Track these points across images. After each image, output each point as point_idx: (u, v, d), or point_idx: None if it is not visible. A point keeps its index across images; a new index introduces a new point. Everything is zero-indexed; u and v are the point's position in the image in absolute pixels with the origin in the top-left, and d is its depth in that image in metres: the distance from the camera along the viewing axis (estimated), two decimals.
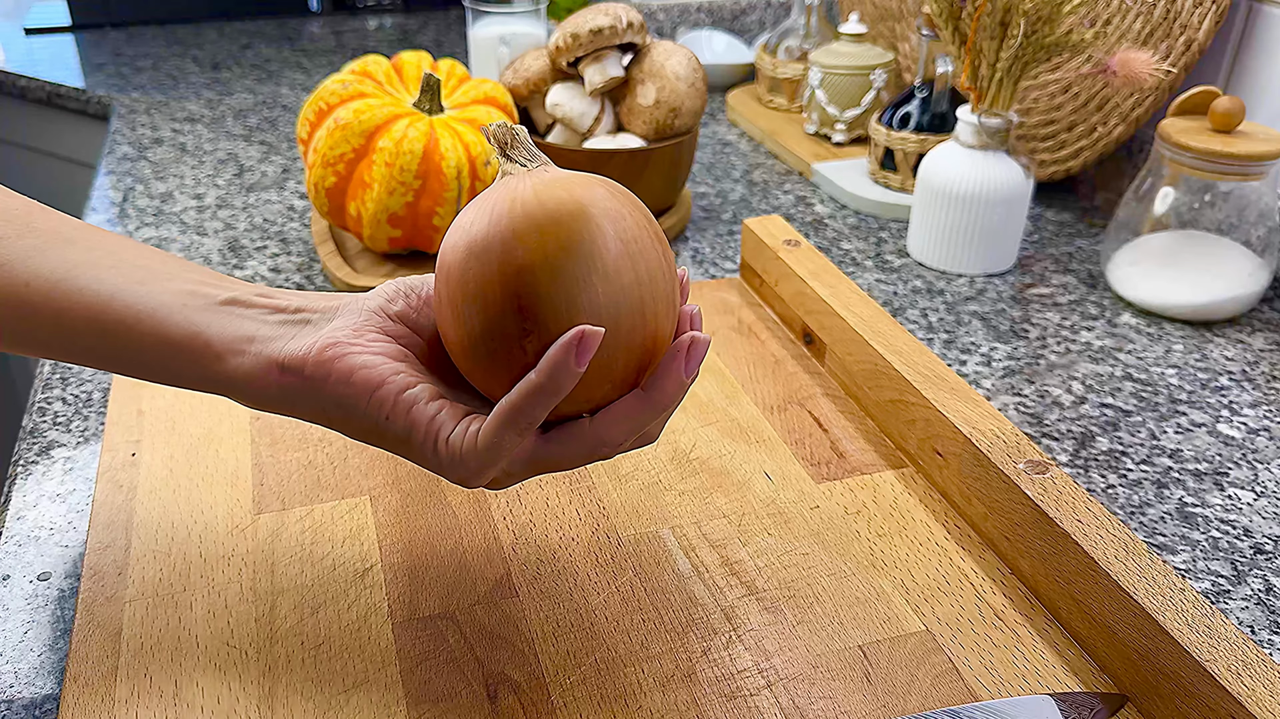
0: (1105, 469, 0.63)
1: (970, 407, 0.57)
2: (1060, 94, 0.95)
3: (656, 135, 0.87)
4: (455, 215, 0.78)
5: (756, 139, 1.17)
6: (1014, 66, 0.79)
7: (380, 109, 0.77)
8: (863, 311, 0.66)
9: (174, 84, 1.31)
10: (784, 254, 0.73)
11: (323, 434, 0.61)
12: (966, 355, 0.75)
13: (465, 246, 0.40)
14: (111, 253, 0.44)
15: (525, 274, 0.38)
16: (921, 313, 0.80)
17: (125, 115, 1.20)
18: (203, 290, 0.44)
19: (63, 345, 0.43)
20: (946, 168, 0.84)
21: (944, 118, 0.96)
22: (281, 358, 0.42)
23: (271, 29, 1.57)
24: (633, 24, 0.85)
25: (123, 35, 1.52)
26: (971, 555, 0.53)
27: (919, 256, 0.88)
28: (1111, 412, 0.68)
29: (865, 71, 1.06)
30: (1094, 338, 0.77)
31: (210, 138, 1.13)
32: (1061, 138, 0.96)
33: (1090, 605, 0.47)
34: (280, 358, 0.42)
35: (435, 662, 0.46)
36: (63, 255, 0.43)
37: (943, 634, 0.48)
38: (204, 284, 0.44)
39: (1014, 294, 0.83)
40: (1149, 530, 0.58)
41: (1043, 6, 0.75)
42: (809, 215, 0.98)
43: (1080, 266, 0.88)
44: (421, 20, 1.64)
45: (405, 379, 0.41)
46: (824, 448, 0.61)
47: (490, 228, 0.39)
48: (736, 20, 1.45)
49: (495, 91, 0.83)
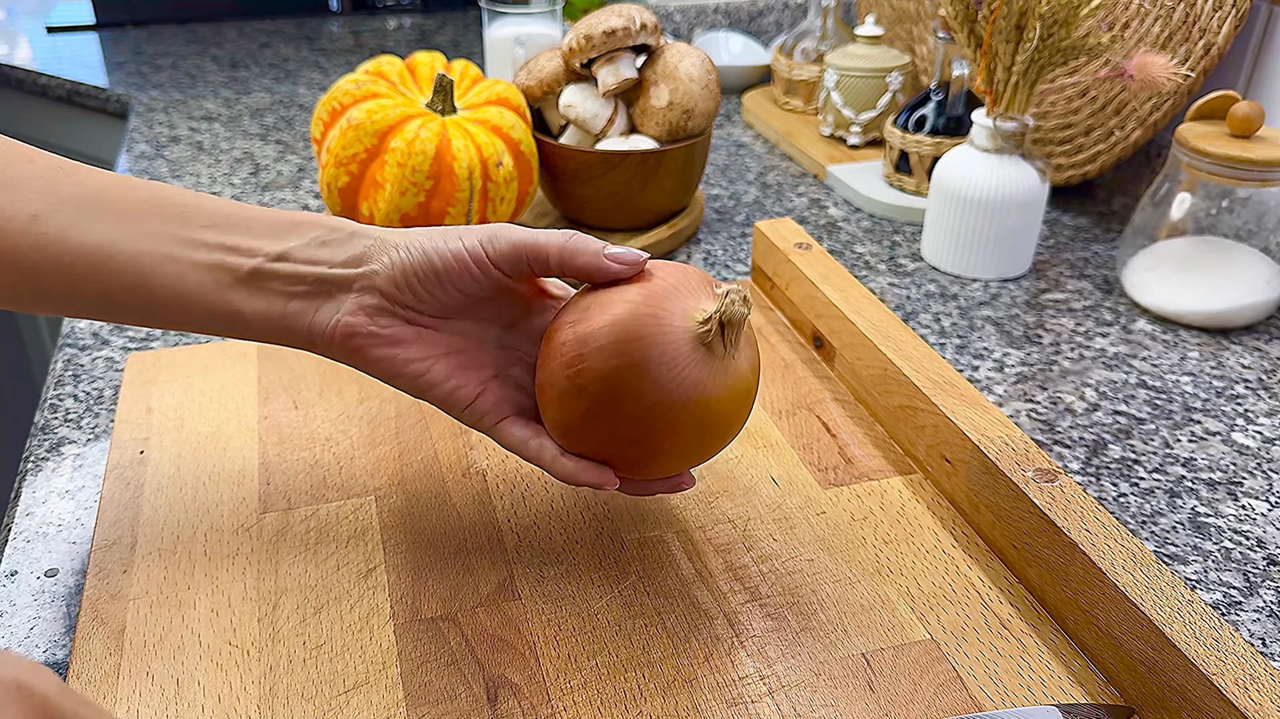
0: (1117, 477, 0.62)
1: (980, 413, 0.56)
2: (1078, 98, 0.94)
3: (669, 137, 0.87)
4: (465, 217, 0.78)
5: (771, 141, 1.16)
6: (1030, 70, 0.78)
7: (393, 109, 0.77)
8: (873, 316, 0.65)
9: (192, 83, 1.32)
10: (795, 257, 0.72)
11: (329, 434, 0.61)
12: (979, 361, 0.74)
13: (650, 386, 0.44)
14: (140, 220, 0.47)
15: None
16: (934, 317, 0.80)
17: (143, 113, 1.21)
18: (229, 262, 0.47)
19: (109, 312, 0.48)
20: (961, 171, 0.83)
21: (960, 121, 0.95)
22: (311, 335, 0.48)
23: (290, 28, 1.58)
24: (646, 25, 0.84)
25: (143, 34, 1.53)
26: (979, 564, 0.53)
27: (933, 260, 0.88)
28: (1124, 419, 0.68)
29: (881, 74, 1.06)
30: (1108, 344, 0.76)
31: (227, 136, 1.14)
32: (1078, 142, 0.95)
33: (1097, 616, 0.46)
34: (310, 334, 0.48)
35: (436, 664, 0.46)
36: (101, 232, 0.46)
37: (947, 643, 0.48)
38: (229, 253, 0.47)
39: (1028, 299, 0.83)
40: (1160, 540, 0.57)
41: (1059, 10, 0.74)
42: (822, 218, 0.97)
43: (1096, 272, 0.87)
44: (439, 20, 1.65)
45: (420, 368, 0.48)
46: (832, 453, 0.61)
47: (679, 402, 0.45)
48: (753, 22, 1.44)
49: (508, 93, 0.83)
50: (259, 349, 0.69)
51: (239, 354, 0.69)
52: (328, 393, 0.65)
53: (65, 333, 0.75)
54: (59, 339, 0.75)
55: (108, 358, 0.72)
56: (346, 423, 0.62)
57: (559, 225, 0.90)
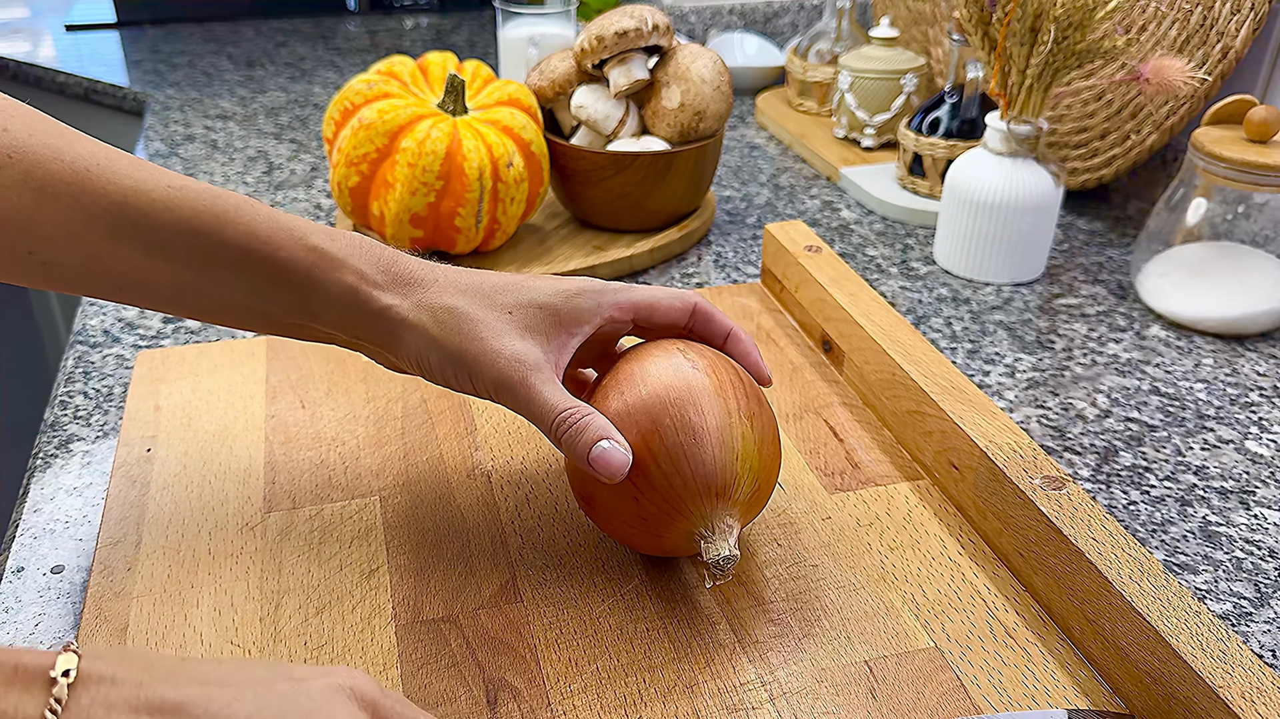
0: (1127, 485, 0.62)
1: (988, 419, 0.56)
2: (1093, 101, 0.93)
3: (681, 138, 0.86)
4: (475, 217, 0.78)
5: (785, 143, 1.16)
6: (1044, 73, 0.77)
7: (404, 109, 0.77)
8: (882, 320, 0.65)
9: (208, 81, 1.32)
10: (804, 260, 0.72)
11: (336, 433, 0.61)
12: (990, 366, 0.74)
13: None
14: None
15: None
16: (945, 321, 0.79)
17: (159, 112, 1.21)
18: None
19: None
20: (975, 174, 0.82)
21: (974, 124, 0.95)
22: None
23: (308, 27, 1.58)
24: (659, 26, 0.84)
25: (161, 33, 1.54)
26: (985, 571, 0.52)
27: (945, 264, 0.87)
28: (1136, 426, 0.67)
29: (895, 76, 1.05)
30: (1121, 350, 0.76)
31: (241, 135, 1.14)
32: (1094, 145, 0.94)
33: (1103, 625, 0.46)
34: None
35: (437, 665, 0.46)
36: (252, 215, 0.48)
37: (951, 651, 0.48)
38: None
39: (1041, 304, 0.82)
40: (1170, 549, 0.57)
41: (1074, 13, 0.74)
42: (835, 220, 0.97)
43: (1110, 277, 0.86)
44: (455, 21, 1.65)
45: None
46: (839, 458, 0.60)
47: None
48: (769, 23, 1.44)
49: (519, 93, 0.83)
50: (268, 347, 0.69)
51: (247, 352, 0.69)
52: (335, 392, 0.65)
53: (77, 330, 0.76)
54: (71, 336, 0.75)
55: (118, 355, 0.72)
56: (353, 422, 0.62)
57: (571, 227, 0.89)
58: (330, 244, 0.48)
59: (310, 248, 0.47)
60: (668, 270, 0.86)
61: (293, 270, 0.47)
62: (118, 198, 0.45)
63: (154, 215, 0.45)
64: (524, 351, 0.47)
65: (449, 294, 0.48)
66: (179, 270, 0.46)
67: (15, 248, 0.44)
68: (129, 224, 0.45)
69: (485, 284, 0.49)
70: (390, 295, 0.48)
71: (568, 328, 0.49)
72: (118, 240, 0.45)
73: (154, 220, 0.45)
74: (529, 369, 0.47)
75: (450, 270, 0.50)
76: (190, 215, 0.46)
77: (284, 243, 0.47)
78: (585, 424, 0.46)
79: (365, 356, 0.55)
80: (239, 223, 0.46)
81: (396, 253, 0.50)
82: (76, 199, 0.44)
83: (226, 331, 0.75)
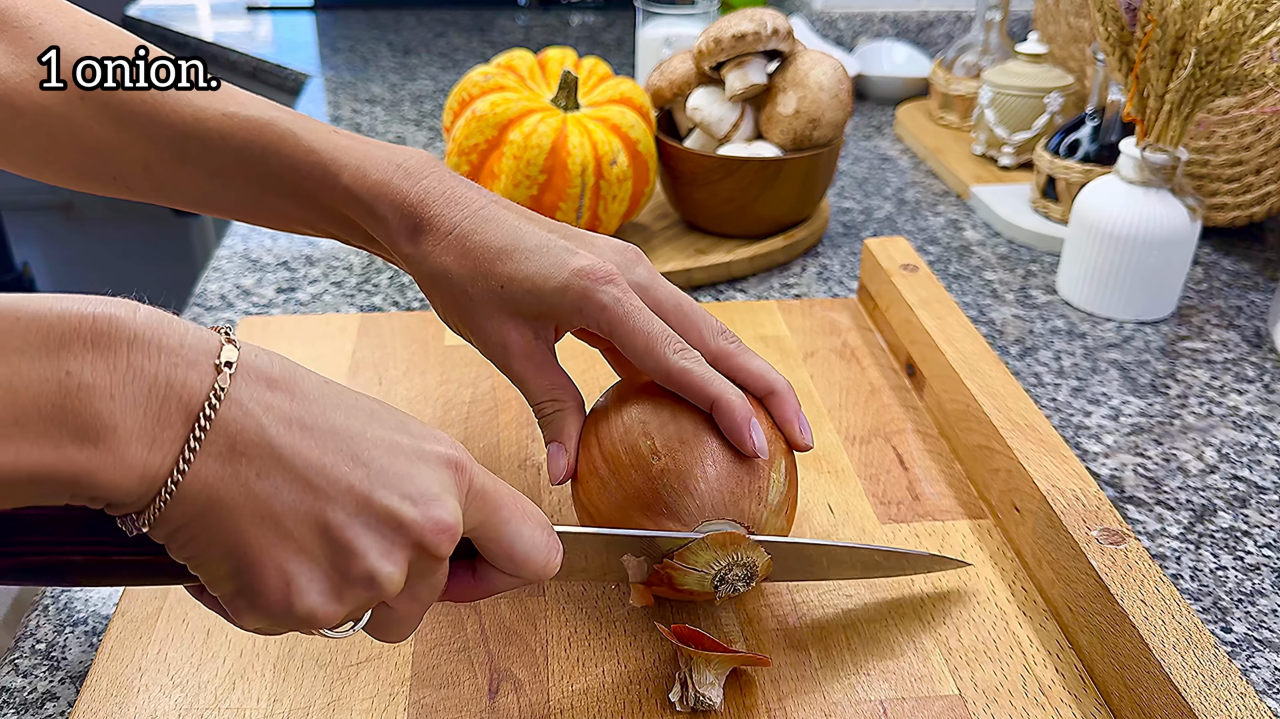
0: (1220, 548, 0.57)
1: (1057, 463, 0.52)
2: (1251, 133, 0.86)
3: (794, 145, 0.85)
4: (576, 212, 0.78)
5: (920, 156, 1.12)
6: (1184, 99, 0.72)
7: (516, 102, 0.78)
8: (965, 347, 0.62)
9: (364, 65, 1.38)
10: (897, 279, 0.69)
11: (405, 411, 0.63)
12: (1094, 406, 0.69)
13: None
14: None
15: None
16: (1055, 355, 0.75)
17: (314, 93, 1.27)
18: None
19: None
20: (1104, 203, 0.78)
21: (1114, 148, 0.89)
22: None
23: (466, 19, 1.63)
24: (779, 30, 0.83)
25: (331, 16, 1.62)
26: (1031, 622, 0.49)
27: (1066, 295, 0.82)
28: (1244, 485, 0.62)
29: (1039, 94, 1.00)
30: (1244, 402, 0.70)
31: (385, 120, 1.19)
32: (1247, 180, 0.87)
33: (1140, 694, 0.42)
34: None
35: (448, 648, 0.47)
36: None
37: (976, 701, 0.45)
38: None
39: (1163, 345, 0.77)
40: (1254, 622, 0.52)
41: (1219, 36, 0.68)
42: (957, 240, 0.93)
43: (1247, 323, 0.80)
44: (610, 19, 1.67)
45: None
46: (900, 487, 0.58)
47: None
48: (922, 33, 1.39)
49: (633, 92, 0.83)
50: (360, 325, 0.72)
51: (340, 327, 0.72)
52: (412, 372, 0.67)
53: (197, 293, 0.80)
54: (189, 298, 0.80)
55: (228, 319, 0.76)
56: (423, 403, 0.64)
57: (677, 228, 0.89)
58: (361, 184, 0.49)
59: (342, 189, 0.49)
60: (767, 279, 0.85)
61: (329, 212, 0.51)
62: (180, 127, 0.49)
63: (211, 144, 0.49)
64: (508, 336, 0.48)
65: (449, 254, 0.48)
66: (240, 191, 0.51)
67: (102, 174, 0.51)
68: (192, 153, 0.50)
69: (491, 242, 0.48)
70: (407, 244, 0.49)
71: (556, 319, 0.48)
72: (183, 166, 0.50)
73: (212, 148, 0.49)
74: (511, 356, 0.48)
75: (466, 215, 0.49)
76: (242, 146, 0.49)
77: (320, 182, 0.50)
78: (549, 419, 0.49)
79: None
80: (282, 155, 0.50)
81: (427, 187, 0.49)
82: (145, 128, 0.49)
83: (330, 305, 0.79)
